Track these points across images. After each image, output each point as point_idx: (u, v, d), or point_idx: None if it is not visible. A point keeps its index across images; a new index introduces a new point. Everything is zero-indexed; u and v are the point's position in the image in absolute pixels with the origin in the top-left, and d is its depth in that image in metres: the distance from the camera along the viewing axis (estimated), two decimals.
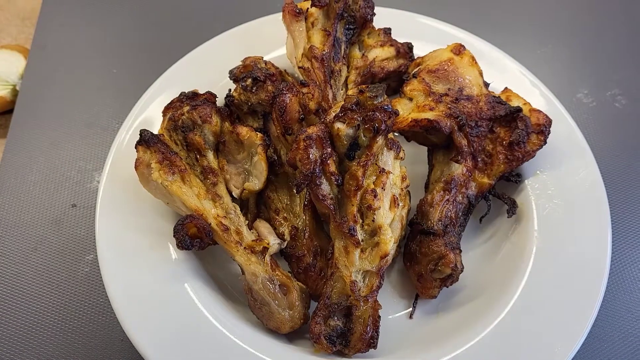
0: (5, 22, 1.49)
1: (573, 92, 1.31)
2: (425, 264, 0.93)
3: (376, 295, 0.87)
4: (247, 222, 0.95)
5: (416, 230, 0.96)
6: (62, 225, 1.09)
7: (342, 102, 0.87)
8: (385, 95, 0.88)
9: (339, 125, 0.85)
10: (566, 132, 1.06)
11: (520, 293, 0.91)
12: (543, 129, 0.99)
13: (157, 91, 1.10)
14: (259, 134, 0.96)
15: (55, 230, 1.08)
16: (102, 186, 0.98)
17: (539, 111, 1.01)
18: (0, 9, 1.51)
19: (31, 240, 1.07)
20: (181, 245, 0.87)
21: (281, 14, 1.06)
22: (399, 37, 1.14)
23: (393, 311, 0.96)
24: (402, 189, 0.93)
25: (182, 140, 0.96)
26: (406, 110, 1.00)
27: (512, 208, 0.99)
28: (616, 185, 1.16)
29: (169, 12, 1.44)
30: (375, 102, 0.86)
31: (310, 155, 0.83)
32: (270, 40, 1.16)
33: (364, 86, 0.88)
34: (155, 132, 0.96)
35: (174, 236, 0.88)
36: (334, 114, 0.87)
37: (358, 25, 1.11)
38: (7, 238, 1.07)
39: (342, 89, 1.07)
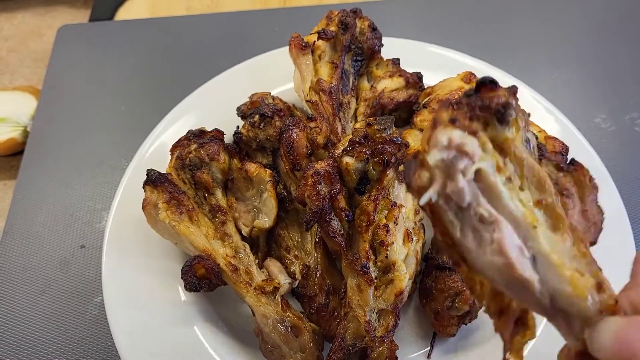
0: (18, 64, 1.50)
1: (590, 117, 1.27)
2: (441, 301, 0.88)
3: (392, 335, 0.83)
4: (257, 261, 0.92)
5: (431, 265, 0.92)
6: (71, 266, 1.07)
7: (350, 136, 0.85)
8: (394, 127, 0.86)
9: (347, 159, 0.83)
10: (585, 159, 1.01)
11: (543, 329, 0.86)
12: (560, 156, 0.95)
13: (164, 129, 1.09)
14: (268, 171, 0.94)
15: (63, 272, 1.06)
16: (109, 227, 0.96)
17: (555, 138, 0.97)
18: (13, 51, 1.53)
19: (39, 283, 1.05)
20: (189, 287, 0.85)
21: (287, 47, 1.05)
22: (408, 67, 1.12)
23: (410, 351, 0.91)
24: (415, 222, 0.90)
25: (190, 179, 0.94)
26: (417, 141, 0.98)
27: None
28: (639, 212, 1.12)
29: (177, 49, 1.44)
30: (383, 135, 0.84)
31: (319, 191, 0.81)
32: (278, 75, 1.15)
33: (371, 119, 0.86)
34: (163, 171, 0.94)
35: (182, 278, 0.86)
36: (342, 148, 0.85)
37: (366, 56, 1.10)
38: (15, 281, 1.05)
39: (351, 122, 1.05)
